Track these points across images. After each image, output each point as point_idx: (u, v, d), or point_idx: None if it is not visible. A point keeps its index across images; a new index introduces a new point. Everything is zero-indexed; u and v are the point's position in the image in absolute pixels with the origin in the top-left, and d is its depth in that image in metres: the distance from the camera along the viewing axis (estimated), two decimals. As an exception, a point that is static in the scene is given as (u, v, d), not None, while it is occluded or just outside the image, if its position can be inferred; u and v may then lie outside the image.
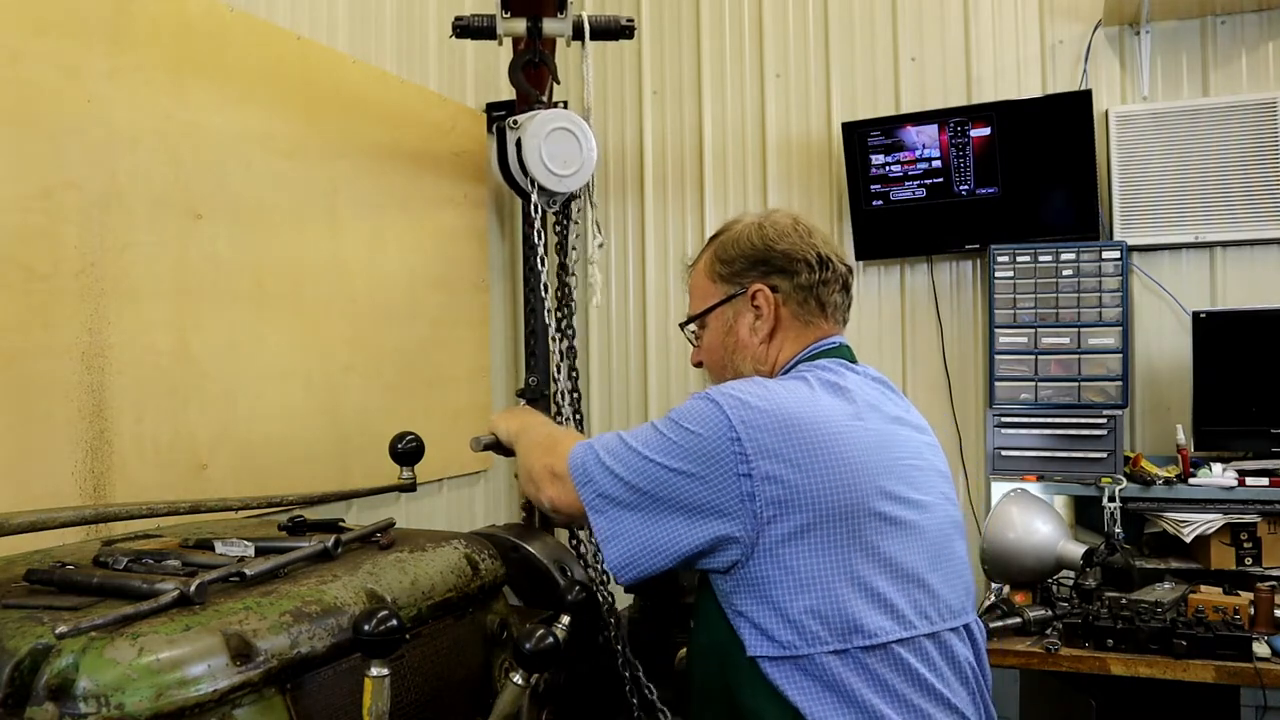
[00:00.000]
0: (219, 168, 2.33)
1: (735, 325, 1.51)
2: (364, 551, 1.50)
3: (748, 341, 1.50)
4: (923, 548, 1.32)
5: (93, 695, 1.03)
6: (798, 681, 1.25)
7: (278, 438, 2.49)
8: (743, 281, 1.50)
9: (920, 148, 3.21)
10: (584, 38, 1.99)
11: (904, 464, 1.35)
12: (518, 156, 1.84)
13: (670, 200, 3.72)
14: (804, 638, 1.24)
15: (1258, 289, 2.99)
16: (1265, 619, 2.33)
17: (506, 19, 1.95)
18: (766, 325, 1.49)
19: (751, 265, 1.50)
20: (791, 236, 1.49)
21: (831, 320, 1.52)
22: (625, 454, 1.33)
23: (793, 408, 1.30)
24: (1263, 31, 3.02)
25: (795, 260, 1.48)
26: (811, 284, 1.48)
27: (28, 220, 1.91)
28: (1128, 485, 2.74)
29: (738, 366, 1.51)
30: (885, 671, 1.25)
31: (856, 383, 1.40)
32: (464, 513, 3.36)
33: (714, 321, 1.54)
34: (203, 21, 2.30)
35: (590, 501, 1.34)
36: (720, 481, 1.26)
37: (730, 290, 1.51)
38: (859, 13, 3.46)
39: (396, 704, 1.26)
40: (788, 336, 1.50)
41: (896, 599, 1.27)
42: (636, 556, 1.31)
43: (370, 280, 2.84)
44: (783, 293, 1.49)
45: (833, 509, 1.25)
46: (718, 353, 1.54)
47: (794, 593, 1.24)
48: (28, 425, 1.90)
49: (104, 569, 1.33)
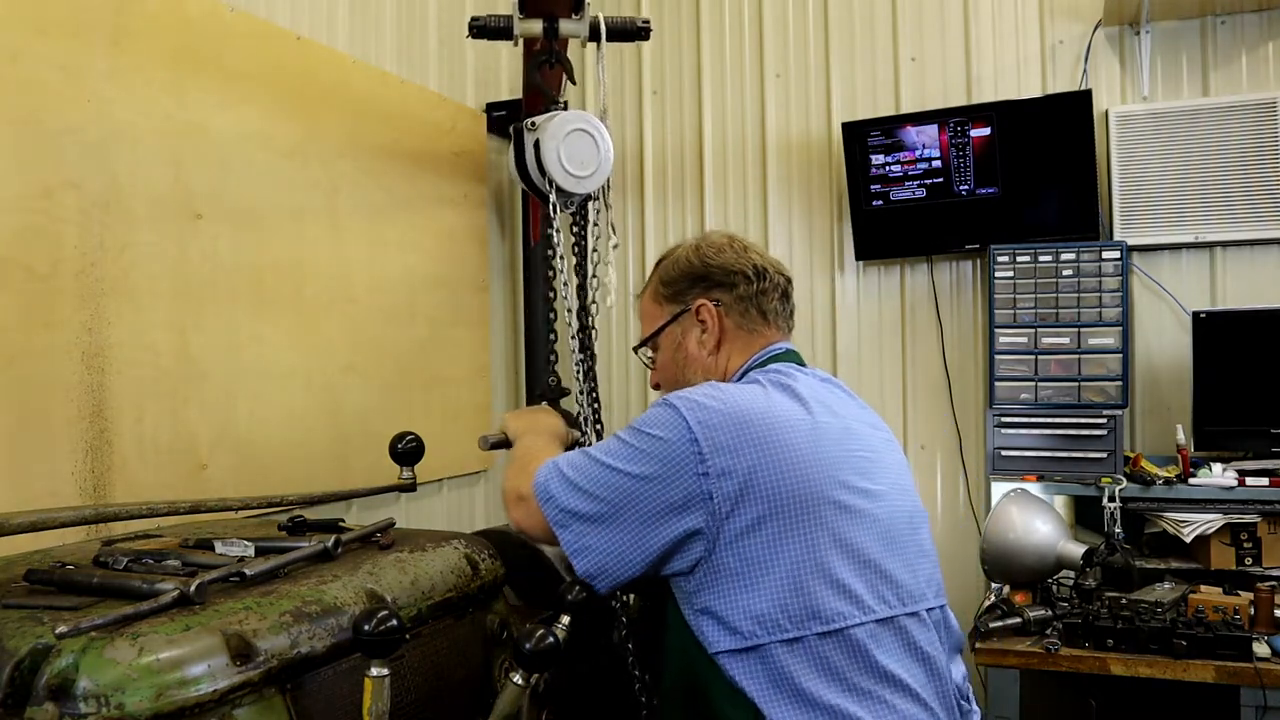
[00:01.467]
0: (219, 168, 2.33)
1: (684, 341, 1.59)
2: (364, 551, 1.50)
3: (696, 355, 1.58)
4: (878, 534, 1.36)
5: (93, 695, 1.03)
6: (758, 677, 1.28)
7: (278, 438, 2.49)
8: (686, 299, 1.58)
9: (920, 148, 3.21)
10: (600, 39, 1.99)
11: (856, 455, 1.40)
12: (536, 158, 1.85)
13: (670, 200, 3.72)
14: (764, 626, 1.28)
15: (1258, 289, 2.99)
16: (1265, 619, 2.33)
17: (523, 20, 1.95)
18: (713, 337, 1.56)
19: (692, 283, 1.58)
20: (727, 252, 1.58)
21: (774, 327, 1.59)
22: (588, 467, 1.38)
23: (745, 406, 1.36)
24: (1263, 31, 3.02)
25: (732, 273, 1.56)
26: (751, 294, 1.56)
27: (28, 220, 1.91)
28: (1128, 485, 2.74)
29: (689, 380, 1.57)
30: (841, 659, 1.28)
31: (806, 383, 1.46)
32: (464, 513, 3.36)
33: (665, 341, 1.62)
34: (203, 21, 2.30)
35: (554, 518, 1.37)
36: (681, 481, 1.31)
37: (676, 309, 1.59)
38: (859, 13, 3.46)
39: (396, 704, 1.26)
40: (735, 346, 1.57)
41: (854, 584, 1.31)
42: (606, 565, 1.35)
43: (370, 280, 2.85)
44: (724, 305, 1.56)
45: (788, 499, 1.30)
46: (671, 370, 1.62)
47: (755, 582, 1.29)
48: (28, 425, 1.90)
49: (104, 569, 1.33)
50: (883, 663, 1.30)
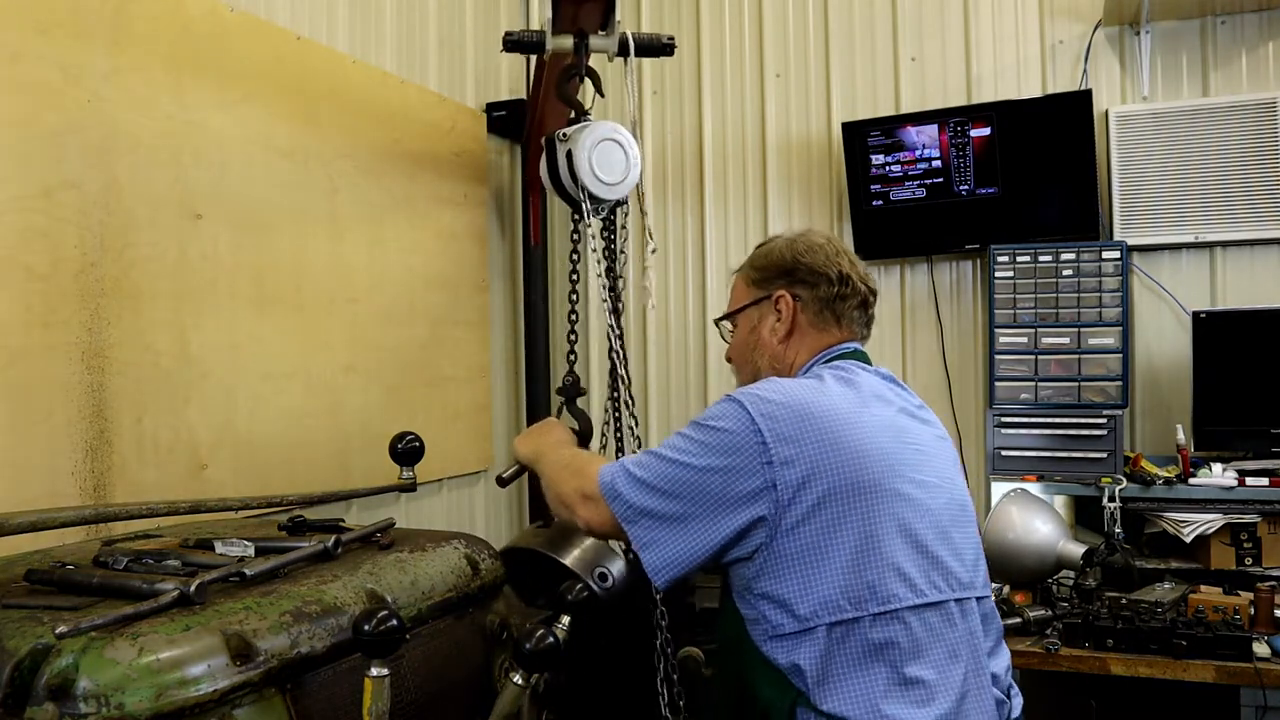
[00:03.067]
0: (219, 168, 2.33)
1: (759, 325, 1.66)
2: (364, 551, 1.50)
3: (767, 341, 1.64)
4: (931, 523, 1.42)
5: (93, 695, 1.03)
6: (812, 658, 1.34)
7: (278, 438, 2.49)
8: (769, 288, 1.65)
9: (920, 148, 3.21)
10: (628, 54, 2.03)
11: (910, 448, 1.46)
12: (569, 167, 1.90)
13: (670, 200, 3.72)
14: (825, 608, 1.34)
15: (1258, 289, 2.99)
16: (1265, 619, 2.33)
17: (555, 36, 2.00)
18: (784, 327, 1.63)
19: (779, 274, 1.64)
20: (819, 253, 1.63)
21: (846, 330, 1.64)
22: (655, 464, 1.43)
23: (806, 399, 1.42)
24: (1263, 31, 3.02)
25: (818, 274, 1.62)
26: (830, 296, 1.61)
27: (28, 220, 1.91)
28: (1128, 485, 2.74)
29: (757, 363, 1.66)
30: (890, 640, 1.34)
31: (865, 379, 1.52)
32: (464, 513, 3.36)
33: (742, 321, 1.70)
34: (203, 21, 2.30)
35: (623, 514, 1.42)
36: (747, 471, 1.36)
37: (759, 294, 1.67)
38: (859, 13, 3.46)
39: (396, 704, 1.27)
40: (804, 341, 1.63)
41: (909, 568, 1.37)
42: (674, 558, 1.40)
43: (370, 280, 2.85)
44: (803, 300, 1.62)
45: (850, 486, 1.36)
46: (742, 349, 1.70)
47: (816, 565, 1.35)
48: (28, 425, 1.90)
49: (104, 569, 1.33)
50: (928, 647, 1.36)
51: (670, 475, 1.40)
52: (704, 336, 3.65)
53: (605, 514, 1.44)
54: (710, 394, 3.63)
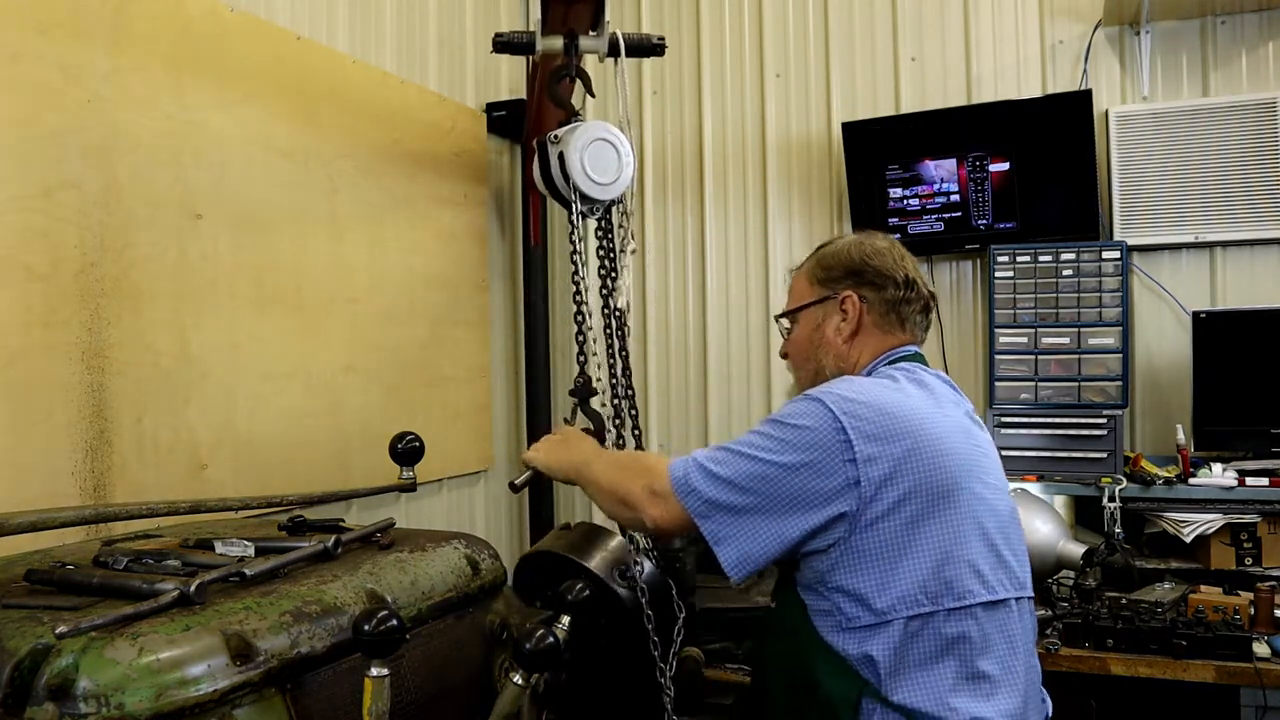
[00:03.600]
0: (219, 168, 2.33)
1: (823, 324, 1.67)
2: (364, 551, 1.50)
3: (831, 340, 1.66)
4: (997, 523, 1.47)
5: (93, 695, 1.03)
6: (885, 651, 1.38)
7: (278, 438, 2.49)
8: (836, 287, 1.67)
9: (939, 181, 3.21)
10: (619, 54, 2.03)
11: (978, 450, 1.53)
12: (560, 168, 1.89)
13: (670, 200, 3.72)
14: (904, 602, 1.37)
15: (1258, 289, 2.99)
16: (1265, 619, 2.33)
17: (544, 37, 2.00)
18: (850, 327, 1.65)
19: (847, 274, 1.66)
20: (886, 257, 1.66)
21: (907, 333, 1.67)
22: (732, 460, 1.44)
23: (887, 398, 1.46)
24: (1263, 31, 3.02)
25: (885, 276, 1.65)
26: (895, 299, 1.64)
27: (28, 220, 1.91)
28: (1128, 485, 2.74)
29: (819, 361, 1.67)
30: (961, 634, 1.39)
31: (934, 382, 1.57)
32: (464, 513, 3.36)
33: (805, 319, 1.71)
34: (203, 21, 2.30)
35: (697, 509, 1.43)
36: (830, 467, 1.39)
37: (824, 293, 1.68)
38: (859, 13, 3.46)
39: (396, 704, 1.27)
40: (868, 341, 1.65)
41: (982, 565, 1.42)
42: (750, 553, 1.42)
43: (370, 280, 2.85)
44: (869, 302, 1.65)
45: (931, 485, 1.40)
46: (803, 347, 1.71)
47: (897, 560, 1.38)
48: (28, 425, 1.90)
49: (104, 569, 1.33)
50: (995, 642, 1.41)
51: (749, 471, 1.41)
52: (704, 336, 3.65)
53: (675, 510, 1.45)
54: (710, 394, 3.63)
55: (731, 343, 3.63)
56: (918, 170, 3.23)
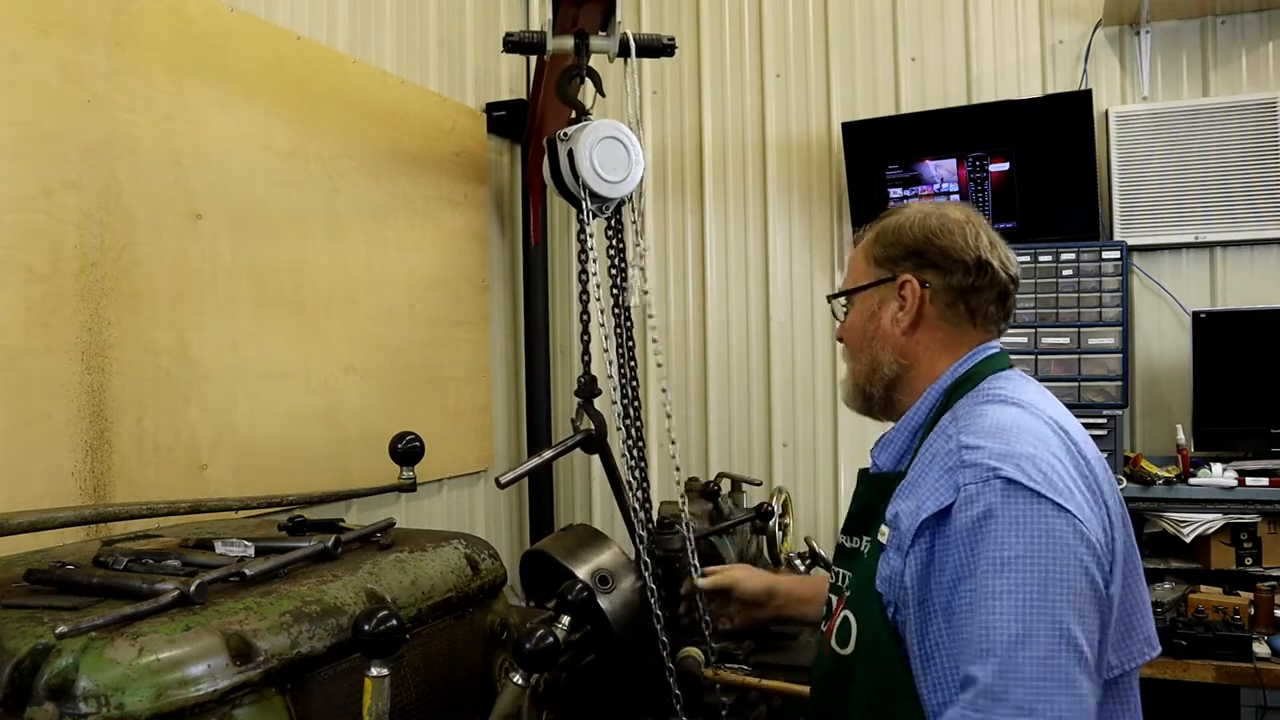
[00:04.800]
0: (219, 168, 2.33)
1: (879, 311, 1.45)
2: (364, 551, 1.50)
3: (889, 331, 1.44)
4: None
5: (93, 695, 1.03)
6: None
7: (278, 438, 2.49)
8: (894, 269, 1.43)
9: (939, 181, 3.21)
10: (629, 55, 2.03)
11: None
12: (570, 166, 1.90)
13: (670, 200, 3.72)
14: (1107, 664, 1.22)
15: (1258, 289, 2.99)
16: (1265, 619, 2.33)
17: (555, 37, 2.01)
18: (908, 318, 1.42)
19: (907, 254, 1.43)
20: (956, 235, 1.41)
21: (981, 329, 1.43)
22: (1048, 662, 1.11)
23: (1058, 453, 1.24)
24: (1263, 31, 3.02)
25: (952, 259, 1.40)
26: (964, 287, 1.40)
27: (28, 220, 1.91)
28: (1128, 485, 2.74)
29: (875, 354, 1.45)
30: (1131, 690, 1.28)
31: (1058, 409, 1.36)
32: (464, 513, 3.36)
33: (860, 302, 1.48)
34: (203, 21, 2.30)
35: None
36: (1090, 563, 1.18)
37: (881, 275, 1.45)
38: (859, 13, 3.46)
39: (396, 704, 1.26)
40: (934, 339, 1.42)
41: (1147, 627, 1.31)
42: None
43: (370, 280, 2.85)
44: (933, 289, 1.41)
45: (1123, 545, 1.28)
46: (857, 334, 1.49)
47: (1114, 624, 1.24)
48: (28, 425, 1.90)
49: (104, 569, 1.33)
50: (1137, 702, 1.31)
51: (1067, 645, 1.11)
52: (704, 336, 3.65)
53: None
54: (710, 394, 3.62)
55: (731, 343, 3.63)
56: (918, 170, 3.23)
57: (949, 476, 1.23)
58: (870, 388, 1.47)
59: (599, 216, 2.01)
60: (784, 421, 3.54)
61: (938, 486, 1.24)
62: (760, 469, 3.54)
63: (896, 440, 1.43)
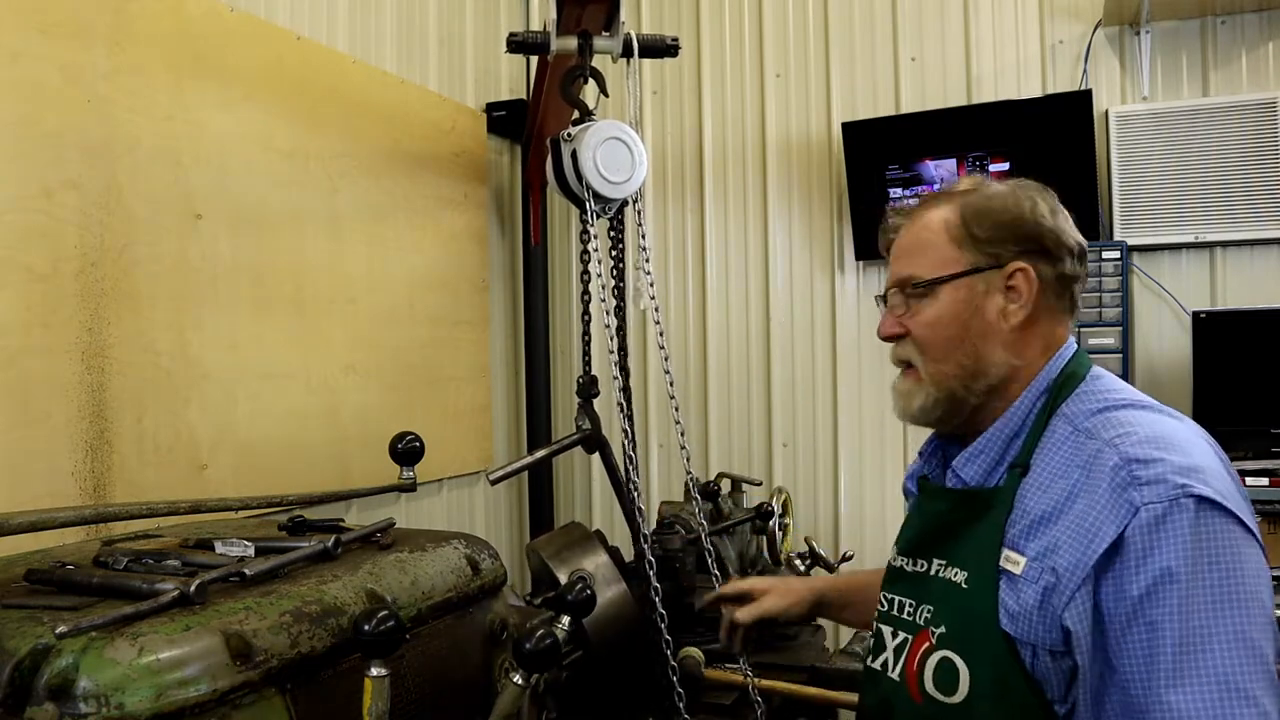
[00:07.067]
0: (219, 168, 2.33)
1: (983, 304, 1.26)
2: (364, 551, 1.50)
3: (996, 326, 1.25)
4: None
5: (93, 695, 1.03)
6: None
7: (278, 438, 2.49)
8: (1000, 255, 1.26)
9: (939, 181, 3.21)
10: (632, 55, 2.04)
11: None
12: (574, 167, 1.90)
13: (670, 200, 3.72)
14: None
15: (1258, 289, 2.99)
16: (1265, 619, 2.33)
17: (559, 37, 2.01)
18: (1023, 312, 1.25)
19: (1016, 239, 1.26)
20: (1060, 216, 1.29)
21: (1071, 323, 1.32)
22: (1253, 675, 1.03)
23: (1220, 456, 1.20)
24: (1263, 31, 3.02)
25: (1063, 246, 1.27)
26: (1074, 275, 1.28)
27: (28, 220, 1.91)
28: (1128, 485, 2.73)
29: (981, 353, 1.26)
30: None
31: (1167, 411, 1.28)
32: (464, 513, 3.36)
33: (950, 292, 1.27)
34: (203, 22, 2.30)
35: None
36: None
37: (981, 261, 1.26)
38: (859, 13, 3.46)
39: (396, 704, 1.26)
40: (1038, 334, 1.27)
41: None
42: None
43: (370, 280, 2.85)
44: (1044, 280, 1.26)
45: None
46: (949, 329, 1.27)
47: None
48: (28, 425, 1.90)
49: (104, 569, 1.33)
50: None
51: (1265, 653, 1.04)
52: (704, 336, 3.65)
53: None
54: (710, 394, 3.62)
55: (731, 343, 3.63)
56: (918, 170, 3.23)
57: (1118, 495, 1.10)
58: (966, 393, 1.27)
59: (602, 217, 2.02)
60: (784, 421, 3.54)
61: (1106, 511, 1.10)
62: (760, 469, 3.54)
63: (989, 451, 1.27)
